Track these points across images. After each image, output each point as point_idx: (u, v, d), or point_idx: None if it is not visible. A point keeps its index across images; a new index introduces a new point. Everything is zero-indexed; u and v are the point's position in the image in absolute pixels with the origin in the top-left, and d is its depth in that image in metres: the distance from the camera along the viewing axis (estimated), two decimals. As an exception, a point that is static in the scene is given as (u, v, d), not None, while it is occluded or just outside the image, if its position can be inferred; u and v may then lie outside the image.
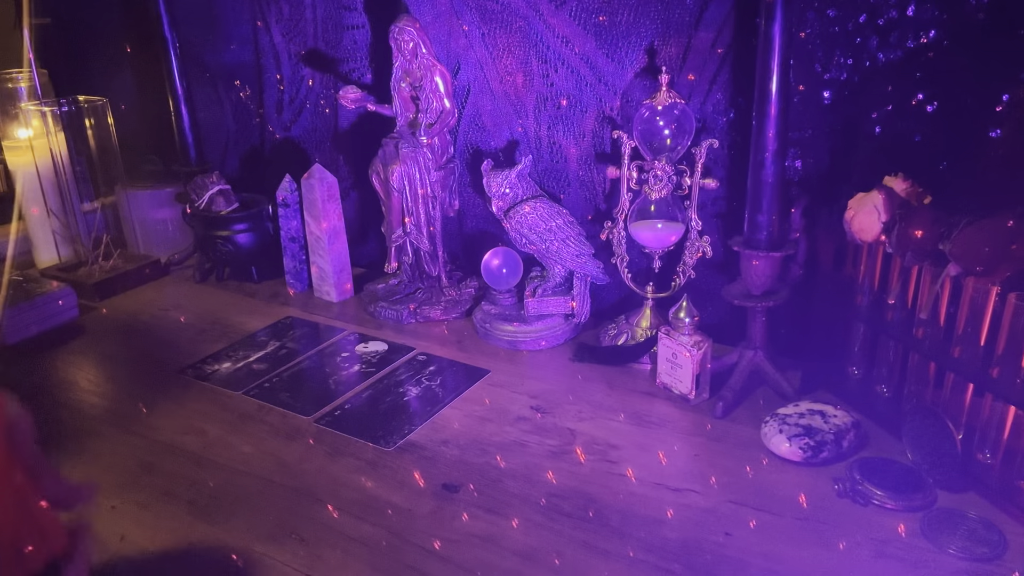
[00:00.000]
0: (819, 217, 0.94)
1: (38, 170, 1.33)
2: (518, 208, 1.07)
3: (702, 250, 1.01)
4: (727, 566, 0.70)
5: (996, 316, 0.75)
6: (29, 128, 1.32)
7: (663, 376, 0.97)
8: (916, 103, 0.89)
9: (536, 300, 1.11)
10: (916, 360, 0.85)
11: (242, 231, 1.31)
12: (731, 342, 0.99)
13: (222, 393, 1.01)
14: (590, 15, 1.07)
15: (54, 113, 1.30)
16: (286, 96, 1.42)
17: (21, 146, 1.33)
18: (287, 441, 0.91)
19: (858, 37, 0.90)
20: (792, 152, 0.97)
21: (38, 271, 1.37)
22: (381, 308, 1.20)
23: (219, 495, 0.82)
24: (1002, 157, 0.85)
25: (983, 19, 0.83)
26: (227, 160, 1.53)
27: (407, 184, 1.14)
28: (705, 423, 0.91)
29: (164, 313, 1.26)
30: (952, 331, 0.79)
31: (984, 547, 0.70)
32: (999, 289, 0.74)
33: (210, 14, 1.43)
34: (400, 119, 1.16)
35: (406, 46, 1.09)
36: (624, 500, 0.78)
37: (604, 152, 1.13)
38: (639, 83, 1.07)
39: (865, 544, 0.71)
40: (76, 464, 0.88)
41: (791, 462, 0.82)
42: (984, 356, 0.76)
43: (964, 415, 0.79)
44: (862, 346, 0.93)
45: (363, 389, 1.01)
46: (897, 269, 0.86)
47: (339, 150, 1.39)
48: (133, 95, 1.55)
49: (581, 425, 0.92)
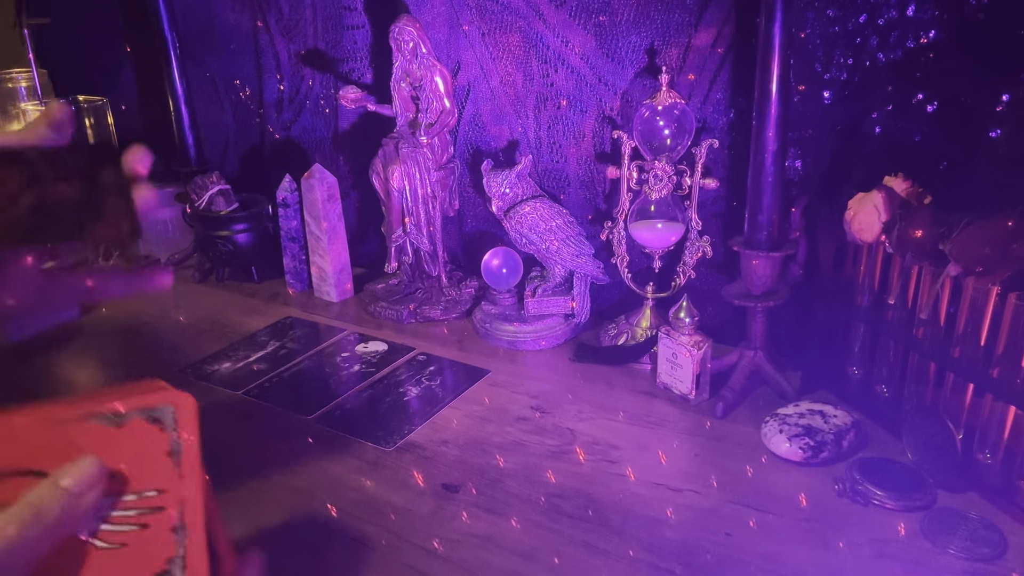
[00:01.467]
0: (819, 217, 0.94)
1: (38, 170, 1.33)
2: (518, 208, 1.07)
3: (702, 250, 1.01)
4: (727, 566, 0.70)
5: (996, 316, 0.75)
6: (29, 128, 1.32)
7: (663, 376, 0.97)
8: (916, 103, 0.89)
9: (536, 300, 1.11)
10: (916, 360, 0.85)
11: (242, 231, 1.31)
12: (731, 342, 0.99)
13: (222, 393, 1.01)
14: (590, 15, 1.07)
15: (54, 113, 1.30)
16: (286, 96, 1.42)
17: (21, 146, 1.32)
18: (287, 441, 0.91)
19: (858, 37, 0.90)
20: (792, 152, 0.97)
21: (38, 271, 1.37)
22: (381, 308, 1.20)
23: (219, 495, 0.82)
24: (1002, 157, 0.85)
25: (983, 19, 0.83)
26: (227, 160, 1.53)
27: (407, 184, 1.14)
28: (705, 423, 0.91)
29: (164, 313, 1.26)
30: (952, 331, 0.79)
31: (984, 547, 0.70)
32: (999, 289, 0.74)
33: (210, 14, 1.43)
34: (400, 119, 1.16)
35: (406, 46, 1.09)
36: (624, 500, 0.78)
37: (604, 152, 1.13)
38: (639, 83, 1.07)
39: (865, 544, 0.71)
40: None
41: (791, 462, 0.82)
42: (984, 356, 0.76)
43: (964, 415, 0.79)
44: (862, 346, 0.93)
45: (363, 389, 1.01)
46: (897, 269, 0.86)
47: (339, 150, 1.39)
48: (133, 95, 1.55)
49: (581, 425, 0.92)
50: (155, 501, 0.44)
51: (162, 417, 0.44)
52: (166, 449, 0.44)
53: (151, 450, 0.44)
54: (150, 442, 0.44)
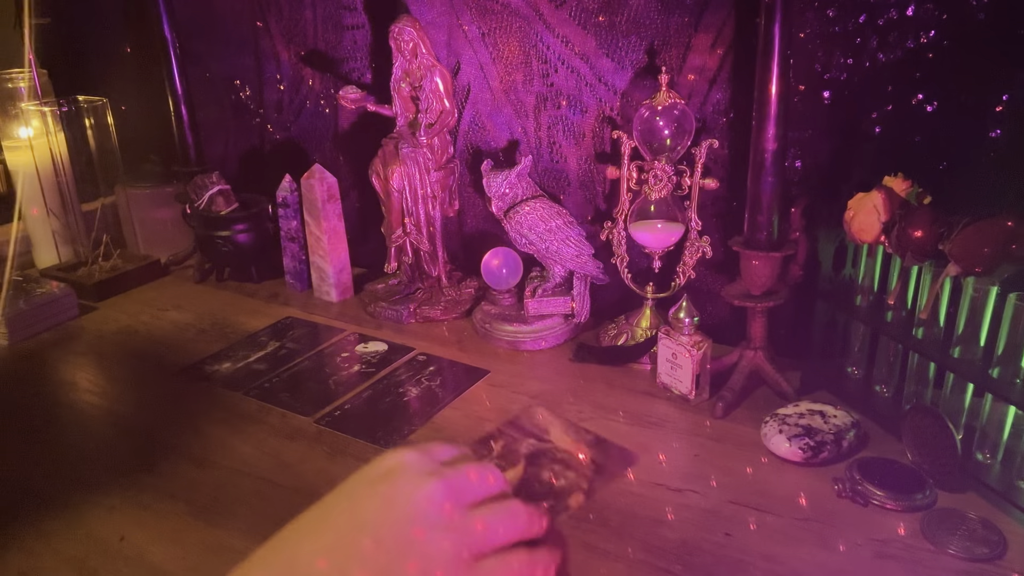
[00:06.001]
0: (819, 217, 0.94)
1: (38, 170, 1.33)
2: (518, 208, 1.07)
3: (702, 250, 1.01)
4: (727, 566, 0.70)
5: (996, 316, 0.75)
6: (29, 128, 1.32)
7: (663, 376, 0.97)
8: (916, 103, 0.89)
9: (536, 300, 1.11)
10: (916, 360, 0.85)
11: (242, 231, 1.31)
12: (731, 342, 0.99)
13: (222, 393, 1.01)
14: (590, 15, 1.07)
15: (54, 113, 1.30)
16: (286, 96, 1.42)
17: (21, 146, 1.33)
18: (287, 441, 0.91)
19: (858, 37, 0.90)
20: (792, 152, 0.97)
21: (38, 271, 1.37)
22: (381, 308, 1.20)
23: (219, 495, 0.82)
24: (1002, 157, 0.85)
25: (983, 19, 0.83)
26: (227, 160, 1.53)
27: (407, 184, 1.14)
28: (705, 423, 0.91)
29: (164, 313, 1.26)
30: (952, 331, 0.79)
31: (984, 547, 0.70)
32: (999, 289, 0.74)
33: (210, 14, 1.43)
34: (400, 119, 1.16)
35: (406, 46, 1.09)
36: (624, 500, 0.78)
37: (604, 152, 1.13)
38: (639, 83, 1.07)
39: (865, 544, 0.71)
40: (76, 464, 0.88)
41: (791, 462, 0.82)
42: (984, 356, 0.76)
43: (964, 415, 0.79)
44: (862, 346, 0.93)
45: (363, 389, 1.01)
46: (897, 269, 0.86)
47: (339, 150, 1.39)
48: (133, 95, 1.54)
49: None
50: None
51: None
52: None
53: None
54: None
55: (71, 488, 0.83)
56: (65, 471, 0.87)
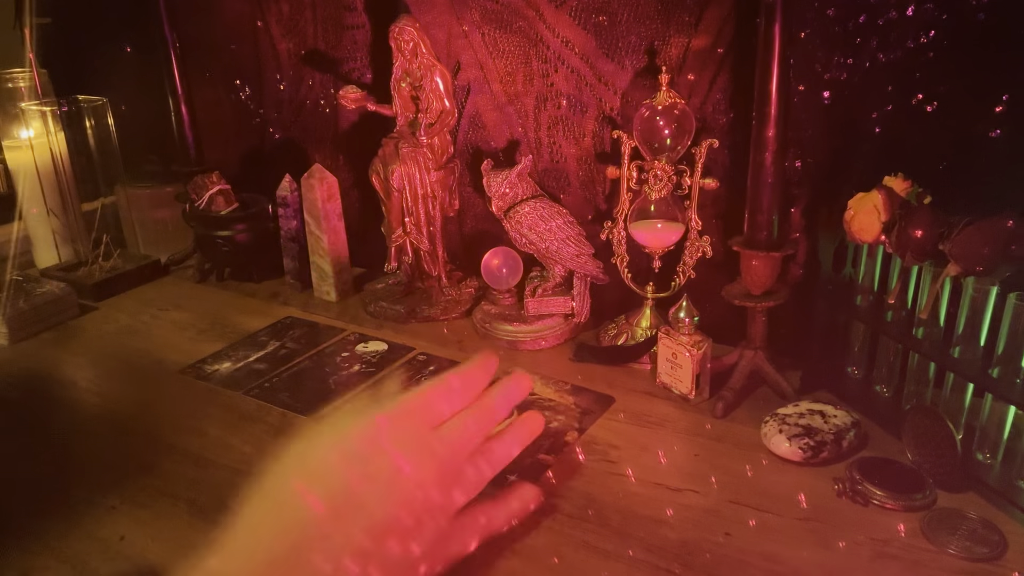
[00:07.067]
0: (819, 217, 0.94)
1: (38, 170, 1.33)
2: (518, 208, 1.07)
3: (702, 250, 1.01)
4: (727, 566, 0.70)
5: (996, 316, 0.75)
6: (29, 128, 1.32)
7: (663, 376, 0.97)
8: (916, 103, 0.89)
9: (536, 300, 1.11)
10: (916, 360, 0.85)
11: (242, 231, 1.31)
12: (731, 342, 0.99)
13: (222, 393, 1.01)
14: (590, 15, 1.07)
15: (54, 113, 1.30)
16: (286, 96, 1.42)
17: (21, 146, 1.33)
18: (287, 441, 0.91)
19: (858, 37, 0.90)
20: (792, 152, 0.97)
21: (38, 271, 1.37)
22: (381, 308, 1.20)
23: (219, 495, 0.82)
24: (1002, 157, 0.85)
25: (983, 19, 0.83)
26: (227, 160, 1.53)
27: (407, 184, 1.14)
28: (705, 423, 0.91)
29: (164, 313, 1.26)
30: (952, 331, 0.79)
31: (984, 547, 0.70)
32: (999, 289, 0.74)
33: (210, 14, 1.43)
34: (400, 119, 1.16)
35: (406, 46, 1.09)
36: (624, 500, 0.78)
37: (604, 152, 1.13)
38: (639, 83, 1.07)
39: (865, 544, 0.71)
40: (76, 464, 0.88)
41: (791, 462, 0.82)
42: (984, 356, 0.76)
43: (964, 415, 0.79)
44: (862, 346, 0.93)
45: (363, 389, 1.01)
46: (897, 269, 0.86)
47: (339, 150, 1.39)
48: (133, 95, 1.54)
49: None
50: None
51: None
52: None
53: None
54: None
55: (71, 488, 0.83)
56: (65, 471, 0.87)
